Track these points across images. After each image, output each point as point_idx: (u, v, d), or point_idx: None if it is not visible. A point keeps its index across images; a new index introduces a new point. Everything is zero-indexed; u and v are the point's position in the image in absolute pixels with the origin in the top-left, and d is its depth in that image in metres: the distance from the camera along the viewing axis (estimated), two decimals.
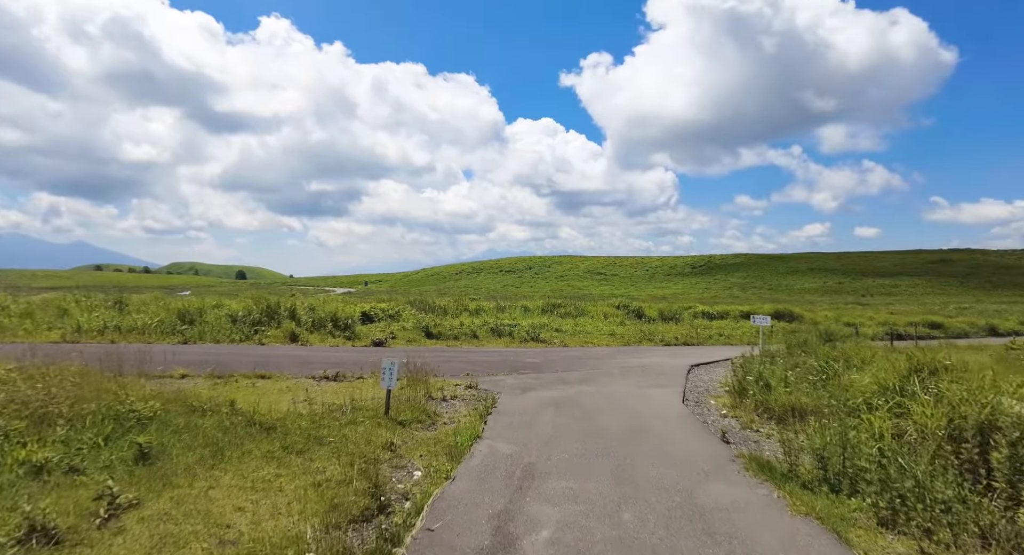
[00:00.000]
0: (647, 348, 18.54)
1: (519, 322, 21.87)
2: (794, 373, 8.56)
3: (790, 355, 11.83)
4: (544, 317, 24.32)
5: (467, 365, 12.67)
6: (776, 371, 9.38)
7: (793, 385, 8.04)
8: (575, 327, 22.19)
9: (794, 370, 8.88)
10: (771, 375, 8.53)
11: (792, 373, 8.54)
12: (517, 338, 18.76)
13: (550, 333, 20.27)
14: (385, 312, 20.56)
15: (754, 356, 12.82)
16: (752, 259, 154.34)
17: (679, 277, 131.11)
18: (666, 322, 26.91)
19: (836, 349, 9.48)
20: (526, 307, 26.76)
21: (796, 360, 9.74)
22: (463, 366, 12.50)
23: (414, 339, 17.15)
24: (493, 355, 14.75)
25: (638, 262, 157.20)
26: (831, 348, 10.52)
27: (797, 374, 8.58)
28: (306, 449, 5.89)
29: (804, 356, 10.26)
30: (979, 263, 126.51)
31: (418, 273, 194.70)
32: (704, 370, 13.44)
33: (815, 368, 8.24)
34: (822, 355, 8.60)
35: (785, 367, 9.21)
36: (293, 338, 15.06)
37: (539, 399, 9.02)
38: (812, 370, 8.35)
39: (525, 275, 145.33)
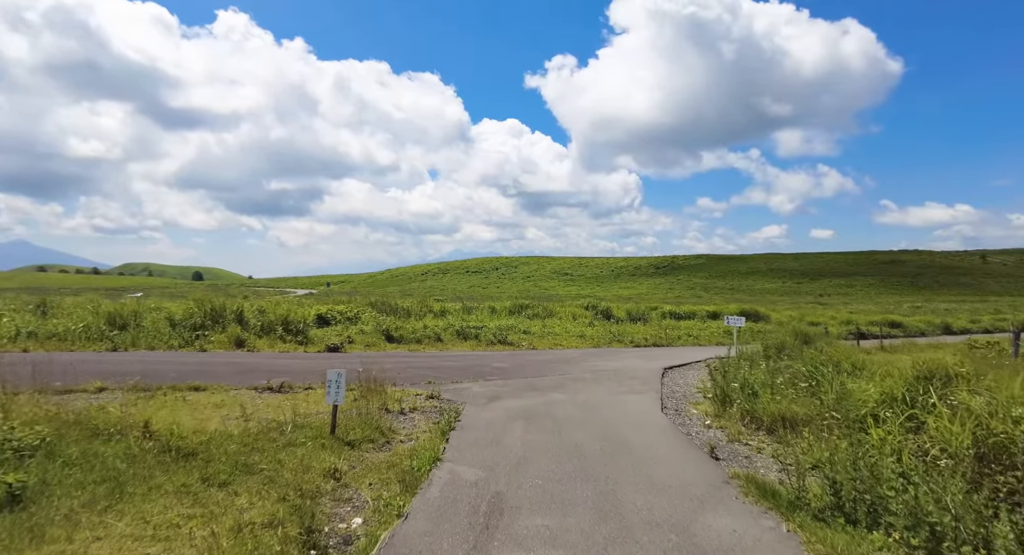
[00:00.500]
0: (617, 350, 17.97)
1: (486, 324, 21.04)
2: (781, 379, 7.99)
3: (768, 358, 11.36)
4: (512, 319, 23.54)
5: (430, 371, 11.77)
6: (759, 376, 8.83)
7: (781, 392, 7.46)
8: (544, 328, 21.50)
9: (778, 375, 8.34)
10: (757, 381, 7.94)
11: (780, 379, 7.97)
12: (484, 341, 17.92)
13: (518, 335, 19.50)
14: (343, 315, 19.41)
15: (730, 359, 12.35)
16: (713, 260, 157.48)
17: (643, 277, 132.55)
18: (634, 323, 26.51)
19: (823, 352, 8.99)
20: (493, 308, 25.94)
21: (779, 365, 9.21)
22: (425, 373, 11.59)
23: (373, 343, 16.11)
24: (458, 360, 13.88)
25: (603, 263, 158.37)
26: (816, 351, 10.05)
27: (784, 380, 8.02)
28: (231, 480, 4.93)
29: (787, 360, 9.76)
30: (926, 264, 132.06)
31: (382, 274, 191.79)
32: (678, 373, 12.89)
33: (803, 373, 7.69)
34: (809, 359, 8.08)
35: (768, 372, 8.66)
36: (239, 343, 13.84)
37: (507, 410, 8.21)
38: (800, 376, 7.80)
39: (492, 276, 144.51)
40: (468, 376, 11.39)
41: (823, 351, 9.37)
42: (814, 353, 8.22)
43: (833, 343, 12.48)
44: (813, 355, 8.12)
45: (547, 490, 4.91)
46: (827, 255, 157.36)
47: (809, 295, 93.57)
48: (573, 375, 11.85)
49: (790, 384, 7.83)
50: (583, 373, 12.18)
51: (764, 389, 7.62)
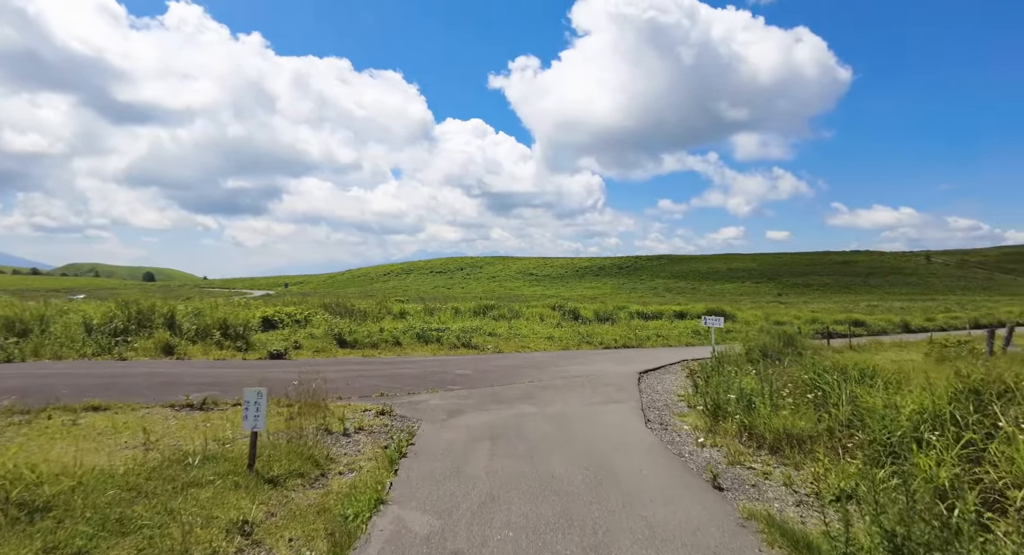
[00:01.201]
0: (588, 352, 17.03)
1: (449, 326, 19.81)
2: (774, 387, 7.10)
3: (751, 362, 10.57)
4: (476, 320, 22.37)
5: (384, 381, 10.51)
6: (751, 383, 7.96)
7: (780, 403, 6.56)
8: (510, 330, 20.41)
9: (771, 382, 7.47)
10: (753, 391, 7.03)
11: (773, 387, 7.08)
12: (446, 344, 16.70)
13: (483, 338, 18.35)
14: (292, 317, 17.86)
15: (710, 362, 11.52)
16: (675, 260, 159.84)
17: (607, 277, 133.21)
18: (602, 323, 25.73)
19: (822, 357, 8.17)
20: (457, 309, 24.71)
21: (769, 370, 8.35)
22: (379, 382, 10.33)
23: (323, 349, 14.69)
24: (417, 366, 12.63)
25: (568, 263, 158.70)
26: (810, 354, 9.27)
27: (778, 388, 7.14)
28: (91, 547, 3.63)
29: (775, 364, 8.94)
30: (877, 264, 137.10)
31: (343, 274, 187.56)
32: (655, 378, 12.00)
33: (805, 382, 6.81)
34: (810, 365, 7.23)
35: (760, 379, 7.78)
36: (168, 350, 12.23)
37: (470, 428, 7.06)
38: (799, 384, 6.92)
39: (456, 276, 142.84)
40: (427, 385, 10.19)
41: (818, 354, 8.56)
42: (813, 357, 7.39)
43: (821, 349, 11.81)
44: (814, 361, 7.28)
45: (521, 547, 3.79)
46: (783, 256, 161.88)
47: (768, 294, 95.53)
48: (543, 382, 10.79)
49: (789, 394, 6.95)
50: (554, 379, 11.14)
51: (762, 400, 6.70)
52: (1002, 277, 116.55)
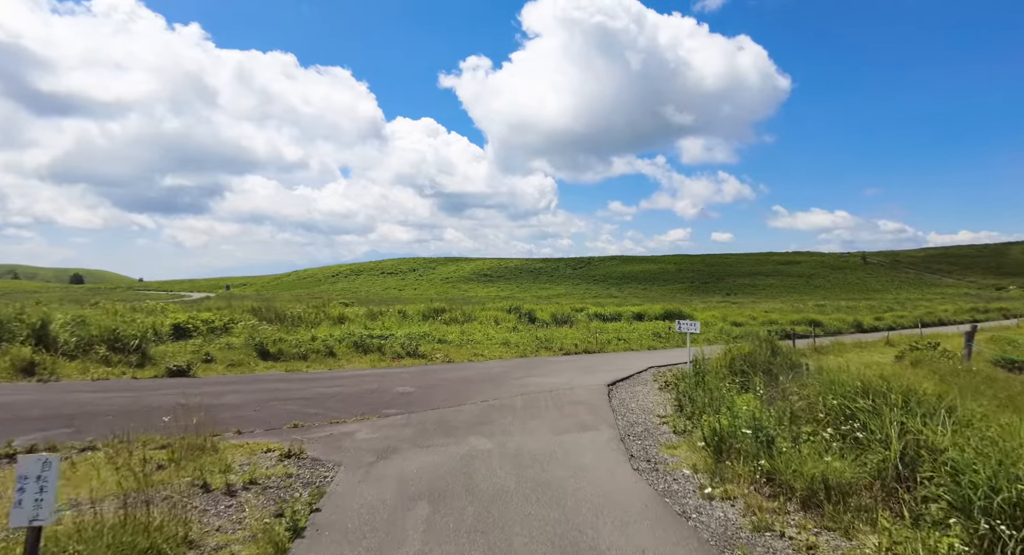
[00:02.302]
0: (548, 360, 15.44)
1: (393, 332, 17.83)
2: (792, 414, 5.65)
3: (737, 374, 9.20)
4: (426, 325, 20.44)
5: (304, 405, 8.55)
6: (746, 403, 6.51)
7: (806, 438, 5.10)
8: (462, 335, 18.62)
9: (788, 409, 6.03)
10: (761, 418, 5.54)
11: (775, 410, 5.62)
12: (389, 354, 14.75)
13: (432, 345, 16.49)
14: (209, 324, 15.46)
15: (689, 374, 10.13)
16: (627, 260, 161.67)
17: (562, 278, 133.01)
18: (560, 326, 24.31)
19: (828, 369, 6.78)
20: (404, 313, 22.69)
21: (778, 391, 6.93)
22: (297, 407, 8.37)
23: (241, 362, 12.49)
24: (349, 383, 10.68)
25: (523, 264, 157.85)
26: (807, 366, 7.94)
27: (787, 414, 5.70)
28: None
29: (777, 380, 7.56)
30: (818, 264, 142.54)
31: (289, 276, 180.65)
32: (626, 392, 10.49)
33: (833, 408, 5.37)
34: (827, 383, 5.80)
35: (766, 401, 6.34)
36: (27, 370, 9.80)
37: (403, 479, 5.28)
38: (826, 410, 5.48)
39: (408, 277, 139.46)
40: (357, 410, 8.30)
41: (822, 368, 7.20)
42: (841, 377, 6.00)
43: (789, 351, 10.59)
44: (844, 381, 5.87)
45: None
46: (730, 257, 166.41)
47: (717, 294, 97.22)
48: (500, 401, 9.08)
49: (807, 421, 5.52)
50: (512, 397, 9.45)
51: (780, 434, 5.22)
52: (929, 276, 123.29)
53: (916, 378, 12.75)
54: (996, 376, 11.15)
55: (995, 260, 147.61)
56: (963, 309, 45.97)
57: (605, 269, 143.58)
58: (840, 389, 5.50)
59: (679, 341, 22.78)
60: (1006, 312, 47.40)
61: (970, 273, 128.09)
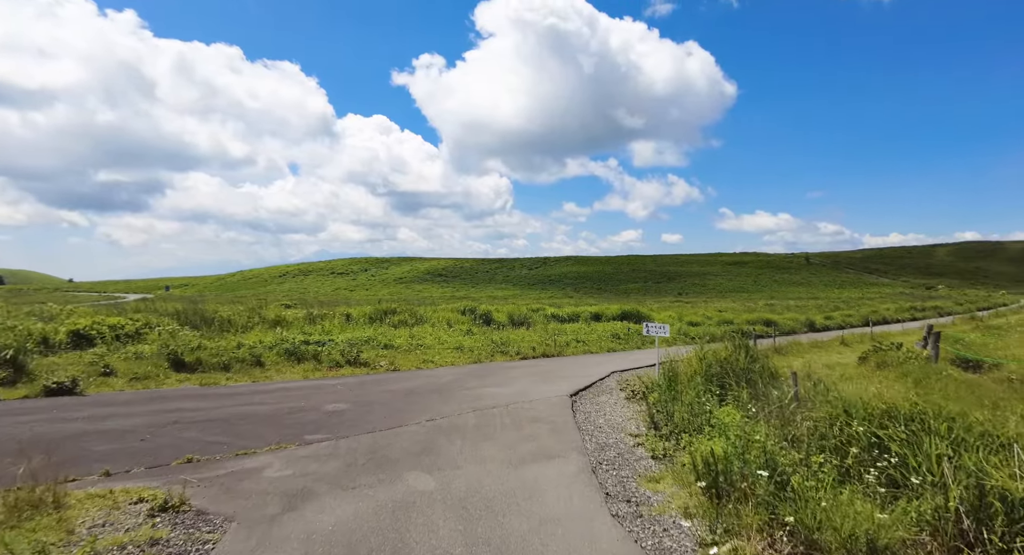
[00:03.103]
0: (504, 365, 14.24)
1: (333, 337, 16.24)
2: (795, 439, 4.65)
3: (712, 380, 8.27)
4: (371, 328, 18.88)
5: (208, 430, 7.04)
6: (734, 420, 5.52)
7: (822, 475, 4.08)
8: (411, 339, 17.20)
9: (769, 424, 5.05)
10: (782, 457, 4.50)
11: (808, 443, 4.61)
12: (326, 362, 13.20)
13: (376, 351, 15.02)
14: (116, 330, 13.49)
15: (660, 382, 9.15)
16: (581, 261, 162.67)
17: (518, 279, 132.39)
18: (517, 327, 23.19)
19: (874, 395, 5.83)
20: (348, 315, 21.00)
21: (768, 408, 5.96)
22: (198, 433, 6.86)
23: (148, 374, 10.72)
24: (273, 398, 9.16)
25: (478, 264, 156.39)
26: (812, 384, 7.04)
27: (795, 439, 4.70)
28: None
29: (760, 389, 6.61)
30: (764, 264, 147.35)
31: (234, 276, 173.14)
32: (591, 403, 9.42)
33: (855, 436, 4.39)
34: (861, 409, 4.79)
35: (753, 418, 5.34)
36: None
37: (312, 544, 3.96)
38: (850, 440, 4.48)
39: (360, 277, 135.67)
40: (274, 435, 6.87)
41: (814, 377, 6.28)
42: (832, 391, 5.05)
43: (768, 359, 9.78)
44: (861, 397, 4.90)
45: None
46: (680, 257, 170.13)
47: (669, 294, 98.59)
48: (449, 420, 7.81)
49: (815, 448, 4.53)
50: (463, 413, 8.20)
51: (797, 470, 4.19)
52: (867, 276, 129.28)
53: (887, 381, 12.26)
54: (972, 380, 10.74)
55: (924, 261, 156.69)
56: (903, 308, 47.65)
57: (561, 269, 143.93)
58: (862, 410, 4.52)
59: (639, 342, 22.05)
60: (940, 310, 49.51)
61: (903, 273, 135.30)
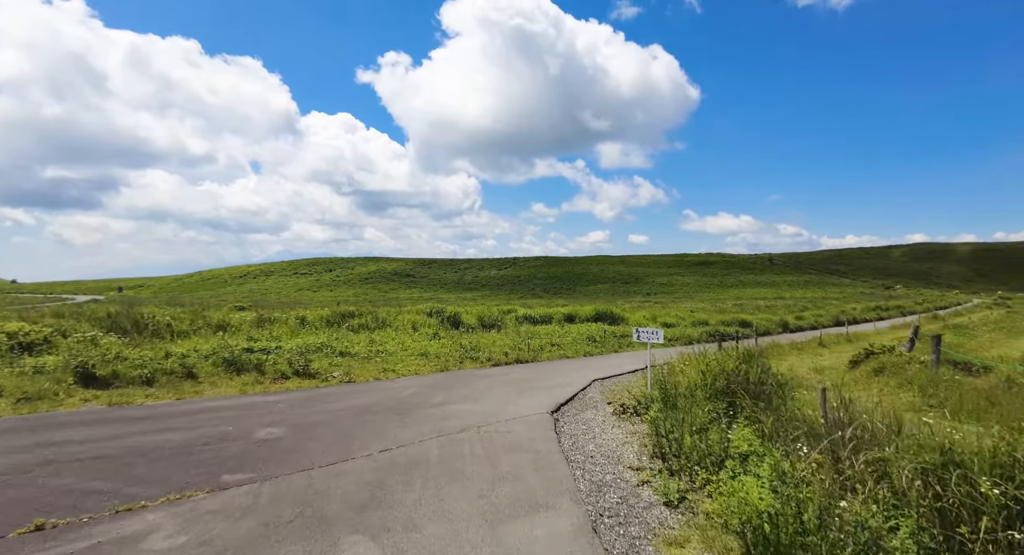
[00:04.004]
0: (474, 373, 12.81)
1: (283, 343, 14.54)
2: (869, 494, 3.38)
3: (713, 398, 7.05)
4: (326, 333, 17.19)
5: (89, 472, 5.42)
6: (791, 470, 4.27)
7: None
8: (372, 346, 15.61)
9: (828, 467, 3.80)
10: (833, 505, 3.23)
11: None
12: (269, 373, 11.55)
13: (329, 359, 13.40)
14: (15, 339, 11.51)
15: (655, 396, 7.90)
16: (551, 261, 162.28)
17: (487, 279, 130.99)
18: (487, 330, 21.81)
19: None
20: (303, 318, 19.23)
21: (800, 432, 4.73)
22: (73, 478, 5.24)
23: (44, 394, 8.88)
24: (193, 422, 7.51)
25: (447, 264, 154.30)
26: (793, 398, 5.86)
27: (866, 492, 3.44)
28: None
29: (774, 405, 5.40)
30: (729, 265, 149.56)
31: (192, 276, 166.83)
32: (575, 420, 8.09)
33: (986, 501, 3.13)
34: (981, 460, 3.52)
35: (788, 450, 4.09)
36: None
37: None
38: (966, 503, 3.23)
39: (324, 278, 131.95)
40: (179, 478, 5.30)
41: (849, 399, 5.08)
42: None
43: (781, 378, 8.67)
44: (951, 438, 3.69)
45: None
46: (647, 258, 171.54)
47: (637, 295, 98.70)
48: (406, 451, 6.36)
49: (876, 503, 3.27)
50: (425, 440, 6.76)
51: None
52: (829, 277, 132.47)
53: (888, 389, 11.31)
54: (981, 387, 9.87)
55: (880, 262, 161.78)
56: (869, 308, 48.15)
57: (530, 270, 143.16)
58: (985, 459, 3.27)
59: (616, 345, 20.93)
60: (903, 310, 50.32)
61: (862, 273, 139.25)
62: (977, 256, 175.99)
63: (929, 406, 9.41)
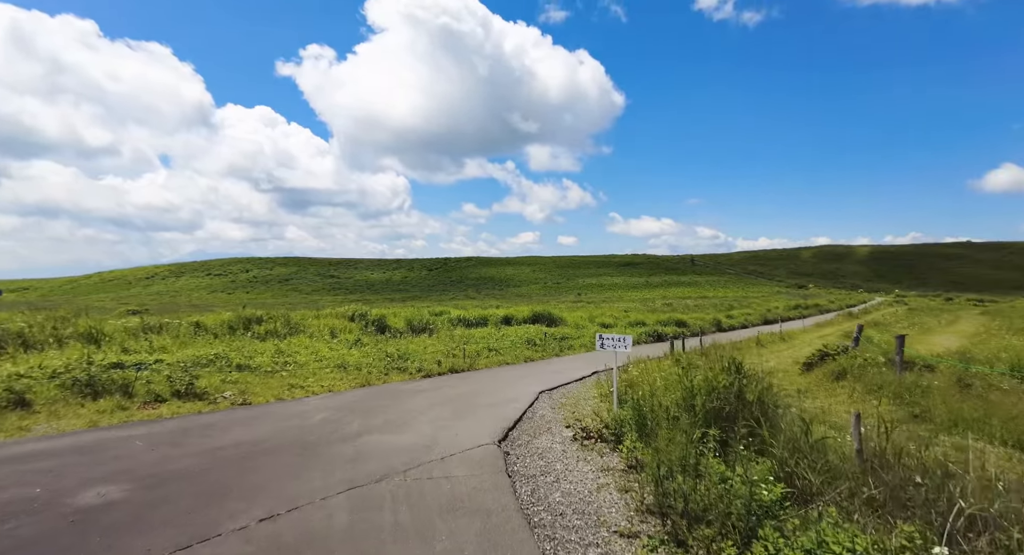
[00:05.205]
0: (402, 388, 10.86)
1: (166, 356, 11.96)
2: None
3: (702, 421, 5.65)
4: (224, 342, 14.62)
5: None
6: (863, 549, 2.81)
7: None
8: (278, 356, 13.27)
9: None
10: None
11: None
12: (140, 395, 9.11)
13: (222, 375, 11.02)
14: None
15: (629, 418, 6.40)
16: (483, 262, 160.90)
17: (416, 280, 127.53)
18: (417, 335, 19.83)
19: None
20: (199, 324, 16.43)
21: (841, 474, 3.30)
22: None
23: None
24: None
25: (375, 264, 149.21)
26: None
27: None
28: None
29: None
30: (655, 265, 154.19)
31: (90, 277, 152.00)
32: (530, 455, 6.44)
33: None
34: None
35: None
36: None
37: None
38: None
39: (240, 278, 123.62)
40: None
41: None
42: None
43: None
44: None
45: None
46: (578, 258, 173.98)
47: (569, 293, 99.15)
48: (296, 524, 4.44)
49: None
50: (329, 496, 4.88)
51: None
52: (747, 277, 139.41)
53: (858, 396, 10.44)
54: (956, 391, 9.15)
55: (792, 262, 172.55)
56: (790, 306, 49.99)
57: (462, 271, 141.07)
58: None
59: (556, 348, 19.55)
60: (820, 308, 52.73)
61: (776, 273, 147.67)
62: (875, 257, 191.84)
63: (914, 417, 8.58)
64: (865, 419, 8.54)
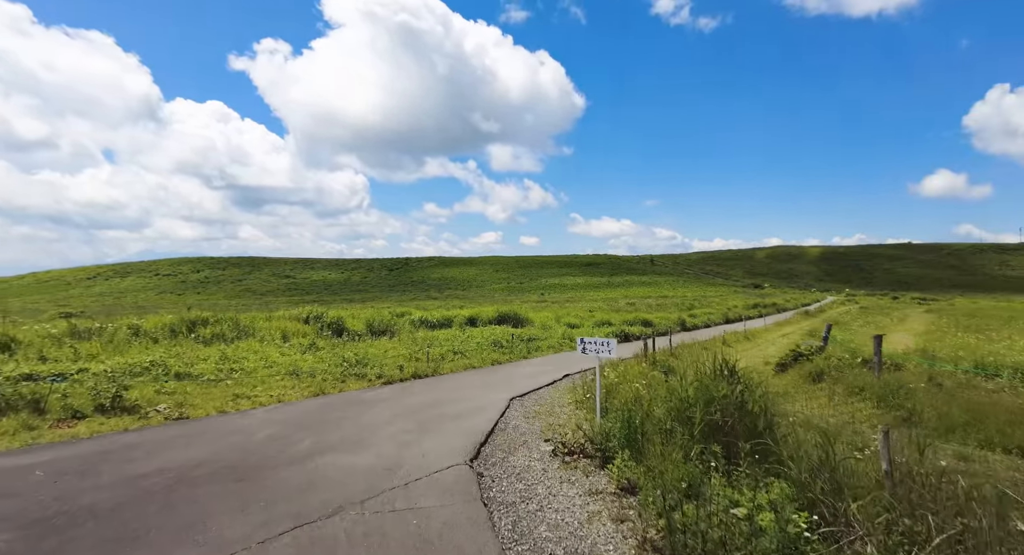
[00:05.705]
0: (361, 397, 9.93)
1: (92, 364, 10.68)
2: None
3: (700, 437, 5.04)
4: (164, 347, 13.31)
5: None
6: None
7: None
8: (224, 363, 12.11)
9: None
10: None
11: None
12: (55, 411, 7.92)
13: (157, 385, 9.84)
14: None
15: (618, 433, 5.74)
16: (445, 261, 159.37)
17: (377, 280, 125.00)
18: (378, 337, 18.84)
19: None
20: (137, 328, 15.00)
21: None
22: None
23: None
24: None
25: (333, 264, 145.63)
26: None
27: None
28: None
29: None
30: (616, 265, 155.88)
31: (23, 278, 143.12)
32: (507, 477, 5.70)
33: None
34: None
35: None
36: None
37: None
38: None
39: (190, 280, 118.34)
40: None
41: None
42: None
43: None
44: None
45: None
46: (540, 258, 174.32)
47: (532, 293, 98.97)
48: None
49: None
50: (270, 540, 4.03)
51: None
52: (704, 276, 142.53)
53: (841, 399, 10.10)
54: (937, 392, 8.91)
55: (748, 263, 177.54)
56: (749, 305, 50.88)
57: (424, 271, 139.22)
58: None
59: (524, 350, 18.88)
60: (778, 307, 53.94)
61: (733, 273, 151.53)
62: (825, 257, 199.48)
63: (902, 420, 8.28)
64: (857, 424, 8.23)
